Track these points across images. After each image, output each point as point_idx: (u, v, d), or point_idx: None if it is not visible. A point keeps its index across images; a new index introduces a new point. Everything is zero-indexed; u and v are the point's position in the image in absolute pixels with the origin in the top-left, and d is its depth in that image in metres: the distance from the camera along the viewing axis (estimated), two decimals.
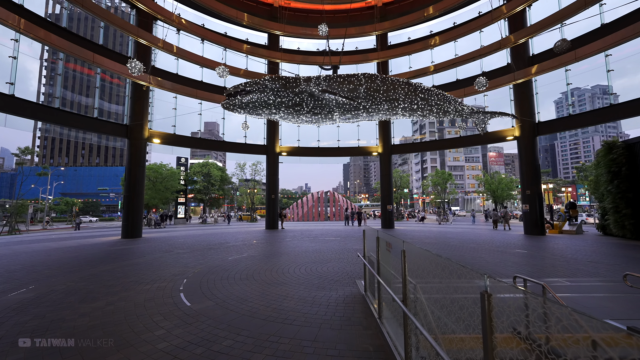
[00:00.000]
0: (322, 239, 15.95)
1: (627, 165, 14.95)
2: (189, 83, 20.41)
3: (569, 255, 10.37)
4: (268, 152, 23.69)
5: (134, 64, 7.29)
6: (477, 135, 20.81)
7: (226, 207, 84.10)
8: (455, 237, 16.87)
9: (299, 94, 8.07)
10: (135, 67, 7.36)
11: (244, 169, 44.07)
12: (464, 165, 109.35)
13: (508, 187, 36.18)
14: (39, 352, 3.85)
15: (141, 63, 7.71)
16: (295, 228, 24.88)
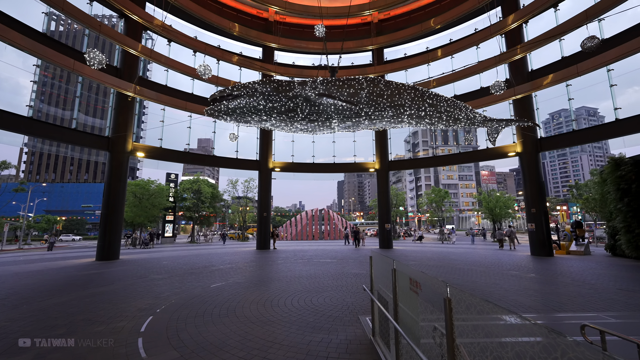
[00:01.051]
0: (317, 262, 14.64)
1: (638, 182, 14.27)
2: (178, 95, 19.54)
3: (591, 281, 9.31)
4: (260, 167, 22.64)
5: (92, 55, 6.31)
6: (477, 151, 20.20)
7: (217, 225, 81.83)
8: (460, 258, 15.73)
9: (293, 99, 7.16)
10: (95, 59, 6.38)
11: (236, 186, 42.74)
12: (458, 183, 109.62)
13: (506, 205, 35.49)
14: None
15: (103, 55, 6.76)
16: (288, 248, 23.44)
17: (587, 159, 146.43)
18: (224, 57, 20.31)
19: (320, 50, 22.55)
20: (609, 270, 11.41)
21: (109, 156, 16.70)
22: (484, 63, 18.95)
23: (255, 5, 22.85)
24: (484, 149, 19.89)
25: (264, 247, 21.76)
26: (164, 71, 19.87)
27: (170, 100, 18.45)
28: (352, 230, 23.51)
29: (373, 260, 4.85)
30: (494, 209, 34.89)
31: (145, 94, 17.16)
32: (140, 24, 17.20)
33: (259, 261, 15.07)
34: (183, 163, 22.93)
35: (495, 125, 8.69)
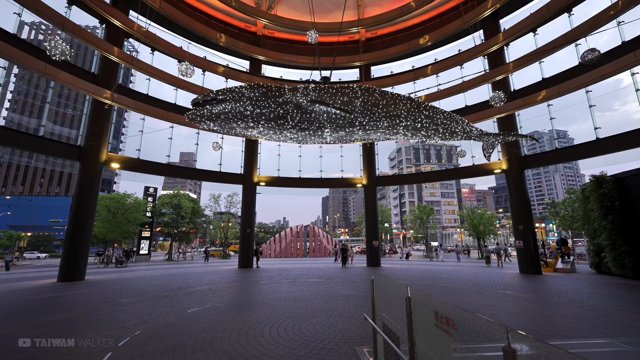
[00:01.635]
0: (303, 281, 13.76)
1: (620, 200, 14.54)
2: (160, 104, 18.72)
3: (589, 302, 9.01)
4: (245, 181, 21.79)
5: (54, 44, 5.57)
6: (464, 168, 20.31)
7: (197, 242, 78.66)
8: (451, 277, 15.28)
9: (283, 105, 6.65)
10: (57, 49, 5.64)
11: (218, 201, 41.32)
12: (441, 200, 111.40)
13: (489, 222, 35.86)
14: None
15: (66, 45, 6.03)
16: (272, 266, 22.30)
17: (560, 178, 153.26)
18: (209, 67, 19.81)
19: (310, 64, 22.52)
20: (601, 289, 11.24)
21: (80, 167, 15.47)
22: (468, 82, 19.41)
23: (243, 19, 22.78)
24: (470, 165, 20.02)
25: (246, 266, 20.57)
26: (146, 79, 19.10)
27: (151, 110, 17.59)
28: (340, 247, 22.51)
29: (376, 283, 4.21)
30: (478, 226, 35.11)
31: (124, 102, 16.26)
32: (122, 30, 16.52)
33: (241, 281, 14.01)
34: (163, 175, 21.76)
35: (492, 140, 8.53)
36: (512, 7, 19.28)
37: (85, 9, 16.07)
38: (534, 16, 16.76)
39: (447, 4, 21.50)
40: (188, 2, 20.63)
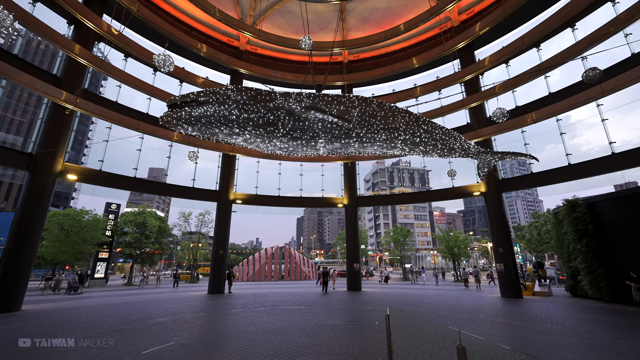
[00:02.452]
0: (282, 309, 12.51)
1: (593, 223, 15.03)
2: (129, 113, 17.34)
3: (583, 328, 8.72)
4: (220, 199, 20.42)
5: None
6: (446, 190, 20.46)
7: (162, 264, 73.11)
8: (436, 302, 14.71)
9: (274, 111, 5.96)
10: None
11: (188, 220, 38.63)
12: (414, 222, 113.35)
13: (464, 245, 36.44)
14: None
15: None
16: (246, 291, 20.57)
17: (521, 203, 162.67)
18: (188, 77, 18.88)
19: (294, 81, 22.27)
20: (586, 314, 11.12)
21: (28, 177, 13.53)
22: (447, 107, 20.00)
23: (226, 33, 22.36)
24: (450, 187, 20.22)
25: (217, 291, 18.76)
26: (117, 87, 17.75)
27: (119, 118, 16.15)
28: (321, 271, 20.98)
29: (394, 320, 3.39)
30: (453, 248, 35.50)
31: (88, 108, 14.76)
32: (93, 32, 15.34)
33: (212, 310, 12.47)
34: (129, 190, 19.85)
35: (489, 158, 8.35)
36: (485, 40, 20.49)
37: (53, 8, 14.83)
38: (505, 50, 17.75)
39: (426, 33, 22.53)
40: (168, 12, 19.92)
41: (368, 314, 11.10)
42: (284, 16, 22.95)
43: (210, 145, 19.83)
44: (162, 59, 6.67)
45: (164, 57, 6.64)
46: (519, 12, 17.77)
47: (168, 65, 6.77)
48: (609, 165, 14.17)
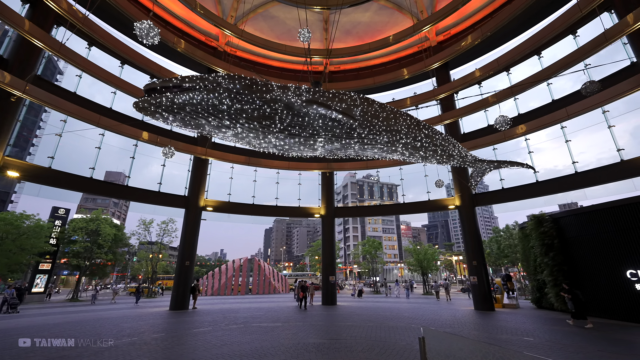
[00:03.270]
0: (257, 327, 11.44)
1: (559, 238, 15.85)
2: (89, 106, 15.60)
3: (565, 342, 8.80)
4: (189, 205, 18.89)
5: None
6: (422, 202, 20.75)
7: (114, 277, 66.74)
8: (415, 315, 14.45)
9: (271, 103, 5.34)
10: None
11: (149, 228, 35.58)
12: (382, 235, 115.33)
13: (433, 258, 37.32)
14: None
15: None
16: (212, 307, 18.93)
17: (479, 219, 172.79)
18: (160, 72, 17.52)
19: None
20: (560, 327, 11.42)
21: None
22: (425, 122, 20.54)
23: (204, 32, 21.39)
24: (427, 200, 20.56)
25: (181, 307, 17.02)
26: (77, 76, 15.97)
27: (76, 110, 14.38)
28: (299, 284, 18.92)
29: (431, 344, 2.81)
30: (423, 261, 36.16)
31: (38, 96, 12.96)
32: (53, 12, 13.68)
33: (176, 329, 11.05)
34: (82, 192, 17.70)
35: (485, 167, 8.33)
36: (460, 61, 21.54)
37: None
38: (475, 73, 18.71)
39: (406, 50, 23.29)
40: (143, 3, 18.59)
41: (351, 331, 10.45)
42: (266, 20, 22.53)
43: (181, 147, 18.41)
44: (145, 27, 5.75)
45: (148, 25, 5.73)
46: (484, 43, 19.02)
47: (153, 36, 5.86)
48: (572, 184, 15.18)
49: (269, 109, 5.38)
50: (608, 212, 13.77)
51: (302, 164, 22.04)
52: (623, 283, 12.67)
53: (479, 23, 20.07)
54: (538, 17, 17.79)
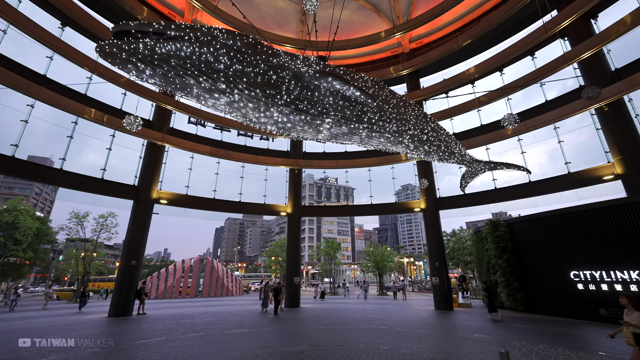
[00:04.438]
0: (220, 334, 10.17)
1: (512, 241, 17.07)
2: (16, 69, 12.79)
3: (534, 340, 9.18)
4: (139, 196, 16.58)
5: None
6: (391, 204, 21.00)
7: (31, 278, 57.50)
8: (384, 317, 14.30)
9: (278, 70, 4.47)
10: None
11: (82, 223, 30.89)
12: (337, 237, 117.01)
13: (390, 260, 38.47)
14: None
15: None
16: (162, 312, 16.78)
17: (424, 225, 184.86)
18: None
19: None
20: (520, 324, 12.07)
21: None
22: None
23: (169, 5, 19.16)
24: (394, 202, 20.85)
25: (124, 313, 14.71)
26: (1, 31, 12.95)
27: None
28: (271, 287, 16.76)
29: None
30: (380, 262, 37.04)
31: None
32: None
33: (120, 341, 9.25)
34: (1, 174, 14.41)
35: (481, 168, 8.30)
36: (430, 70, 22.36)
37: None
38: (444, 83, 19.57)
39: (379, 54, 23.54)
40: None
41: (327, 336, 9.79)
42: (239, 4, 20.98)
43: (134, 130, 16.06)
44: None
45: None
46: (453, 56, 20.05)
47: None
48: (527, 191, 16.49)
49: (275, 75, 4.50)
50: (555, 219, 15.12)
51: (270, 159, 20.90)
52: (567, 283, 13.95)
53: (450, 35, 21.05)
54: (503, 36, 19.14)
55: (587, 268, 13.29)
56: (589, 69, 14.64)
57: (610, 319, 12.16)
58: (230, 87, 4.42)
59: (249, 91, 4.49)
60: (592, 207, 13.55)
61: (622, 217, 12.39)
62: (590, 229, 13.44)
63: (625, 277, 11.97)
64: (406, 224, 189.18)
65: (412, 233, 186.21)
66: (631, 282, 11.80)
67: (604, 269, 12.71)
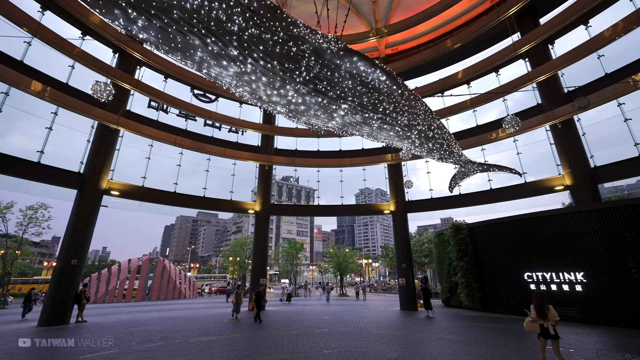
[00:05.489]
0: (184, 343, 9.04)
1: (472, 244, 18.10)
2: None
3: (497, 341, 9.62)
4: (84, 185, 14.39)
5: None
6: (361, 205, 21.09)
7: None
8: (353, 318, 14.13)
9: (298, 41, 3.90)
10: None
11: (4, 215, 26.27)
12: (296, 238, 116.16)
13: (352, 261, 38.94)
14: None
15: None
16: (106, 319, 14.67)
17: (379, 227, 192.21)
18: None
19: None
20: (483, 323, 12.69)
21: None
22: None
23: None
24: (364, 204, 20.93)
25: (59, 321, 12.52)
26: None
27: None
28: (256, 290, 14.56)
29: None
30: (342, 263, 37.29)
31: None
32: None
33: (60, 355, 7.68)
34: None
35: (474, 169, 8.40)
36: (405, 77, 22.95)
37: None
38: (417, 91, 20.32)
39: None
40: None
41: (306, 341, 9.24)
42: None
43: (82, 108, 13.94)
44: None
45: None
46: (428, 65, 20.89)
47: None
48: (488, 198, 17.63)
49: (295, 47, 3.90)
50: (511, 225, 16.31)
51: (239, 153, 19.71)
52: (521, 284, 15.10)
53: (424, 45, 21.87)
54: (473, 51, 20.35)
55: (539, 270, 14.51)
56: (546, 89, 16.12)
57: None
58: (243, 55, 3.72)
59: (264, 62, 3.83)
60: (544, 215, 14.85)
61: (570, 224, 13.73)
62: (543, 234, 14.70)
63: (572, 278, 13.26)
64: (362, 226, 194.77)
65: (367, 235, 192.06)
66: (576, 283, 13.12)
67: (554, 270, 13.96)
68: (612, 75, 14.13)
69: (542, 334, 5.75)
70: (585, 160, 14.51)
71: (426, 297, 15.63)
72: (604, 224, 12.66)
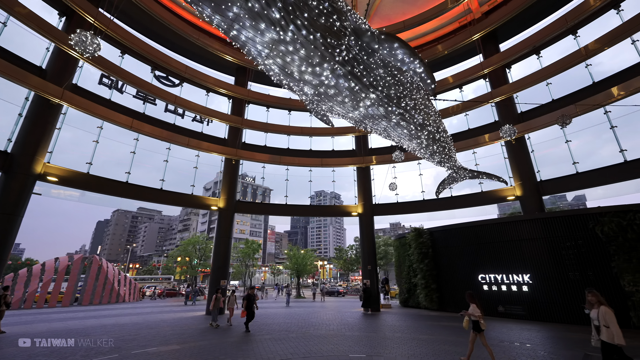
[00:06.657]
0: (143, 354, 7.86)
1: (432, 248, 19.11)
2: None
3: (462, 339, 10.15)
4: (12, 167, 11.96)
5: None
6: (329, 206, 20.96)
7: None
8: (321, 321, 13.88)
9: (342, 17, 3.54)
10: None
11: None
12: (249, 238, 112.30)
13: (310, 262, 38.68)
14: None
15: None
16: (31, 329, 12.21)
17: (332, 229, 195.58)
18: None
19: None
20: (449, 323, 13.33)
21: None
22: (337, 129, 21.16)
23: None
24: (333, 205, 20.92)
25: None
26: None
27: None
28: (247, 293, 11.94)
29: None
30: (300, 264, 36.87)
31: None
32: None
33: None
34: None
35: (464, 174, 8.64)
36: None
37: None
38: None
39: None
40: None
41: (282, 346, 8.70)
42: None
43: (13, 73, 11.58)
44: None
45: None
46: None
47: None
48: (448, 205, 18.81)
49: (338, 22, 3.52)
50: (467, 230, 17.60)
51: (205, 144, 18.27)
52: (475, 285, 16.30)
53: None
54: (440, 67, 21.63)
55: (491, 272, 15.82)
56: (503, 108, 17.79)
57: (506, 315, 14.69)
58: (286, 20, 3.22)
59: (307, 32, 3.37)
60: (497, 222, 16.30)
61: (519, 231, 15.22)
62: (495, 240, 16.08)
63: (520, 280, 14.68)
64: (316, 228, 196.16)
65: (320, 237, 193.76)
66: (523, 284, 14.55)
67: (504, 272, 15.32)
68: (558, 100, 16.11)
69: (474, 328, 6.66)
70: (532, 174, 16.27)
71: (366, 297, 17.52)
72: (547, 231, 14.25)
